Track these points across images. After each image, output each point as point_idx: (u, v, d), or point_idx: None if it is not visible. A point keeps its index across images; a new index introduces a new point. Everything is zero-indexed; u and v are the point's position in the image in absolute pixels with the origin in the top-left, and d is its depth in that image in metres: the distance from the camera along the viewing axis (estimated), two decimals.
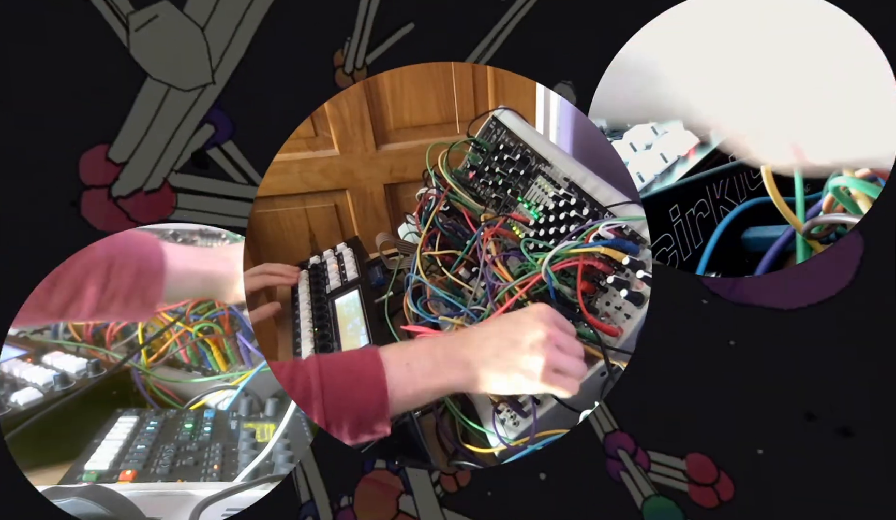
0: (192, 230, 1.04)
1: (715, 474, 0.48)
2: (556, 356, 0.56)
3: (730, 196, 0.70)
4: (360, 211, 1.50)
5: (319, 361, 0.56)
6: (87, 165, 0.51)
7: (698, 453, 0.48)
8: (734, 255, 0.66)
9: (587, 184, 0.73)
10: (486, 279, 0.72)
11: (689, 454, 0.49)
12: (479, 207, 0.85)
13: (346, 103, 1.33)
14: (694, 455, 0.49)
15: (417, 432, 0.65)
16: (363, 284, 0.94)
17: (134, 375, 0.88)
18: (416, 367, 0.57)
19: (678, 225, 0.66)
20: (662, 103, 0.36)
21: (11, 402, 0.73)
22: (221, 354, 0.92)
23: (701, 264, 0.65)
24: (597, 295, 0.64)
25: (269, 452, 0.64)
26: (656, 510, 0.48)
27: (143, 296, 0.67)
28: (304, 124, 1.35)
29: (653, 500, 0.48)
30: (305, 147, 1.40)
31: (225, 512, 0.53)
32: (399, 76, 1.32)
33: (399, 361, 0.57)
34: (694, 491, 0.47)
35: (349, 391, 0.55)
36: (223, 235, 1.02)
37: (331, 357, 0.59)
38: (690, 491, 0.48)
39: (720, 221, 0.67)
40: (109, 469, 0.63)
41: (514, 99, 1.29)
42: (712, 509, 0.48)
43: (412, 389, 0.57)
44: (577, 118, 1.06)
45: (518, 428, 0.63)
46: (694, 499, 0.48)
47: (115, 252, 0.65)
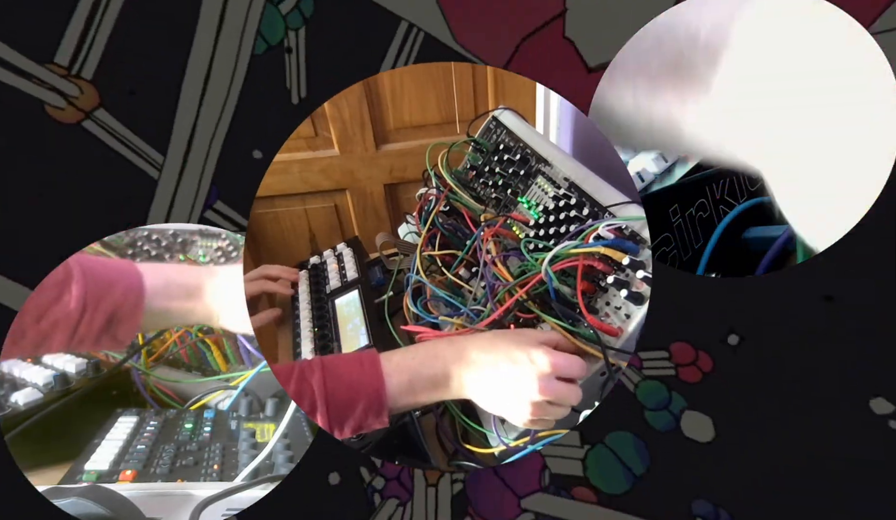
0: (191, 230, 1.04)
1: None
2: (553, 385, 0.57)
3: (730, 196, 0.70)
4: (360, 211, 1.50)
5: (324, 372, 0.56)
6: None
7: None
8: (734, 255, 0.66)
9: (587, 184, 0.73)
10: (486, 279, 0.72)
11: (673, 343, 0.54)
12: (479, 207, 0.85)
13: (346, 103, 1.33)
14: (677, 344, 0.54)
15: (417, 432, 0.65)
16: (363, 284, 0.94)
17: (134, 375, 0.88)
18: (418, 383, 0.58)
19: (678, 225, 0.66)
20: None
21: (11, 402, 0.73)
22: (221, 354, 0.92)
23: (701, 264, 0.65)
24: (597, 295, 0.64)
25: (269, 452, 0.64)
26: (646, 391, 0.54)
27: (113, 337, 0.65)
28: (304, 124, 1.35)
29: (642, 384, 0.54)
30: (305, 147, 1.40)
31: (225, 512, 0.53)
32: (399, 76, 1.32)
33: (400, 372, 0.58)
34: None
35: (351, 407, 0.56)
36: (223, 235, 1.02)
37: (334, 369, 0.58)
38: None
39: (720, 221, 0.67)
40: (109, 469, 0.63)
41: (514, 99, 1.29)
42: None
43: (413, 400, 0.59)
44: (577, 118, 1.06)
45: (518, 428, 0.63)
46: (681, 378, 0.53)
47: (89, 293, 0.62)
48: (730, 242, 0.66)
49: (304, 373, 0.56)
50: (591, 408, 0.57)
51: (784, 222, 0.38)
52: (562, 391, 0.57)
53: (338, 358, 0.64)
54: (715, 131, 0.34)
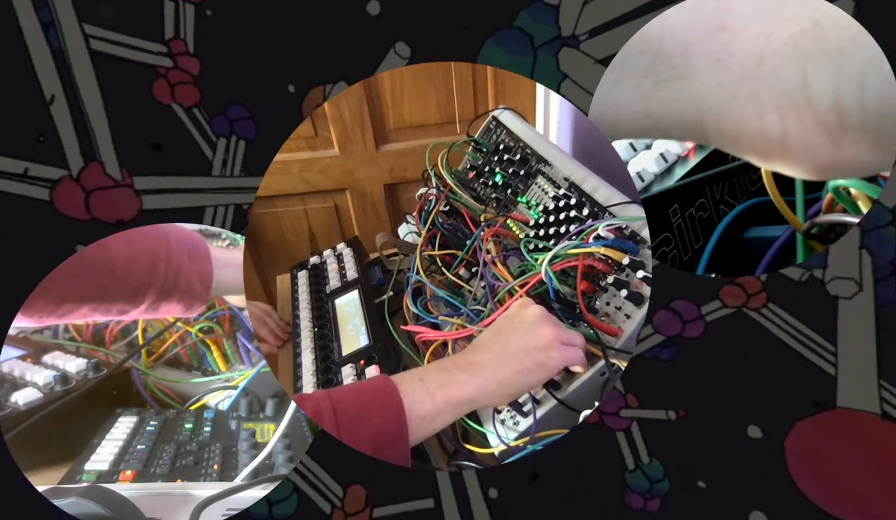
0: (191, 230, 1.04)
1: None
2: (559, 330, 0.58)
3: (730, 196, 0.70)
4: (360, 211, 1.50)
5: (332, 400, 0.51)
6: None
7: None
8: (734, 255, 0.66)
9: (587, 184, 0.73)
10: (486, 279, 0.72)
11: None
12: (479, 207, 0.85)
13: (346, 103, 1.33)
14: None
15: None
16: (363, 284, 0.94)
17: (134, 375, 0.88)
18: (430, 380, 0.54)
19: (678, 225, 0.66)
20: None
21: (11, 402, 0.73)
22: (221, 354, 0.93)
23: (701, 264, 0.65)
24: (597, 295, 0.64)
25: (269, 452, 0.64)
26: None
27: (200, 276, 0.68)
28: (304, 124, 1.35)
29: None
30: (305, 147, 1.40)
31: (225, 512, 0.53)
32: (399, 76, 1.32)
33: (411, 378, 0.55)
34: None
35: (366, 421, 0.51)
36: (223, 235, 1.02)
37: (343, 395, 0.53)
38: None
39: (720, 221, 0.67)
40: (109, 469, 0.63)
41: (514, 99, 1.29)
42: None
43: (431, 404, 0.53)
44: (577, 118, 1.06)
45: (518, 428, 0.63)
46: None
47: (162, 237, 0.66)
48: (730, 242, 0.66)
49: (314, 396, 0.52)
50: (590, 408, 0.57)
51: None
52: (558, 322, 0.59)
53: (346, 388, 0.64)
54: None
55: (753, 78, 0.27)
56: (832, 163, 0.28)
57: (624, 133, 0.33)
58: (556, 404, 0.61)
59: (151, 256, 0.64)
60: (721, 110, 0.29)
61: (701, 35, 0.28)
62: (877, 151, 0.27)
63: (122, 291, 0.64)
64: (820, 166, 0.28)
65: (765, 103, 0.27)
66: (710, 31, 0.28)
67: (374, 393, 0.52)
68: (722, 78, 0.28)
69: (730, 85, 0.28)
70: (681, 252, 0.66)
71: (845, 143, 0.27)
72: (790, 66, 0.26)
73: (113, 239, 0.56)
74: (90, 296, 0.63)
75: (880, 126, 0.25)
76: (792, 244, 0.60)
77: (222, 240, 1.02)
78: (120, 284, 0.63)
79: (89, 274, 0.61)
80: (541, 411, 0.62)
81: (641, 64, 0.30)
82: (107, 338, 0.92)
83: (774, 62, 0.26)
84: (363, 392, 0.53)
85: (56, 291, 0.59)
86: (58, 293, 0.60)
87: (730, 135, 0.29)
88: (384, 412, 0.51)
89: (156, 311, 0.68)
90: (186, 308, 0.71)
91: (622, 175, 0.71)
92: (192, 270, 0.68)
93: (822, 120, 0.26)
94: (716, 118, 0.29)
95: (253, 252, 1.54)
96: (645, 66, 0.30)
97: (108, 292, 0.64)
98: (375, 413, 0.51)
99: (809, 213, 0.59)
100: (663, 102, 0.30)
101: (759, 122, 0.28)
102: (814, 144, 0.27)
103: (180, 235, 0.69)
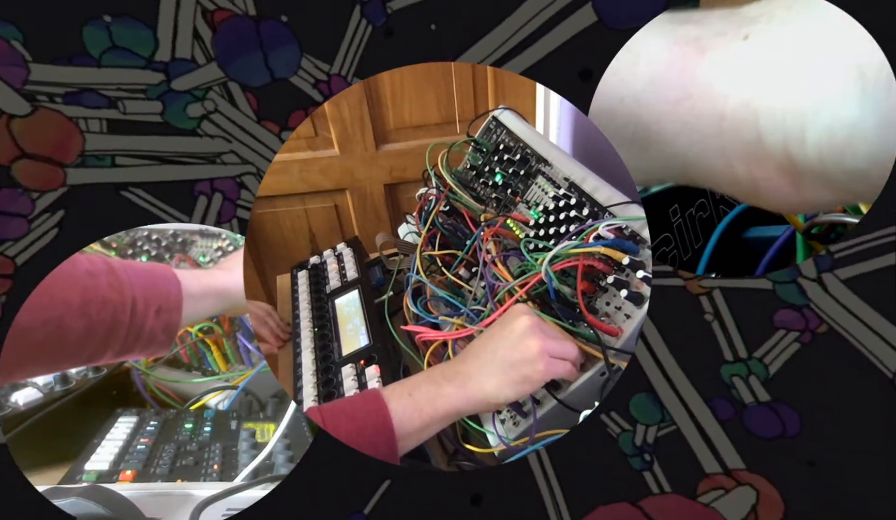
0: (192, 230, 1.04)
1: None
2: (548, 342, 0.58)
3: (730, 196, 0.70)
4: (360, 211, 1.50)
5: (322, 413, 0.55)
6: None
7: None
8: (734, 255, 0.66)
9: (587, 184, 0.73)
10: (486, 279, 0.72)
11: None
12: (479, 207, 0.85)
13: (346, 103, 1.33)
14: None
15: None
16: (363, 284, 0.94)
17: (134, 375, 0.88)
18: (419, 395, 0.57)
19: (678, 225, 0.66)
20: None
21: (11, 402, 0.73)
22: (221, 354, 0.93)
23: (701, 264, 0.65)
24: (597, 295, 0.64)
25: (269, 452, 0.64)
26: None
27: (165, 327, 0.64)
28: (304, 124, 1.35)
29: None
30: (305, 147, 1.40)
31: (225, 512, 0.53)
32: (399, 76, 1.32)
33: (401, 393, 0.57)
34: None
35: (356, 444, 0.53)
36: (223, 235, 1.02)
37: (335, 417, 0.56)
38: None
39: (720, 221, 0.67)
40: (109, 469, 0.63)
41: (514, 99, 1.29)
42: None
43: (419, 420, 0.56)
44: (577, 118, 1.06)
45: (518, 428, 0.63)
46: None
47: (127, 302, 0.61)
48: (730, 242, 0.66)
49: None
50: (590, 408, 0.57)
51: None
52: (550, 329, 0.59)
53: (336, 402, 0.63)
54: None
55: (718, 135, 0.31)
56: (798, 203, 0.31)
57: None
58: (556, 404, 0.61)
59: (111, 324, 0.60)
60: (698, 164, 0.33)
61: (670, 105, 0.32)
62: (832, 192, 0.30)
63: (75, 360, 0.61)
64: (789, 206, 0.32)
65: (731, 156, 0.31)
66: (677, 99, 0.31)
67: (365, 418, 0.55)
68: (691, 138, 0.32)
69: (700, 143, 0.32)
70: (681, 252, 0.66)
71: (804, 186, 0.30)
72: (746, 123, 0.29)
73: (70, 314, 0.55)
74: (39, 365, 0.60)
75: (825, 173, 0.28)
76: (792, 244, 0.60)
77: (222, 240, 1.02)
78: (73, 355, 0.60)
79: (39, 352, 0.57)
80: (541, 411, 0.62)
81: (626, 134, 0.34)
82: None
83: (733, 121, 0.30)
84: (355, 417, 0.55)
85: (5, 368, 0.56)
86: (6, 371, 0.57)
87: (711, 182, 0.33)
88: (376, 434, 0.54)
89: (111, 361, 0.66)
90: (147, 355, 0.70)
91: (622, 175, 0.71)
92: (157, 324, 0.63)
93: (780, 167, 0.29)
94: (695, 171, 0.33)
95: (253, 252, 1.54)
96: (629, 135, 0.34)
97: (59, 362, 0.61)
98: (366, 437, 0.54)
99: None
100: (650, 162, 0.35)
101: (731, 173, 0.31)
102: (778, 188, 0.31)
103: (151, 292, 0.63)
